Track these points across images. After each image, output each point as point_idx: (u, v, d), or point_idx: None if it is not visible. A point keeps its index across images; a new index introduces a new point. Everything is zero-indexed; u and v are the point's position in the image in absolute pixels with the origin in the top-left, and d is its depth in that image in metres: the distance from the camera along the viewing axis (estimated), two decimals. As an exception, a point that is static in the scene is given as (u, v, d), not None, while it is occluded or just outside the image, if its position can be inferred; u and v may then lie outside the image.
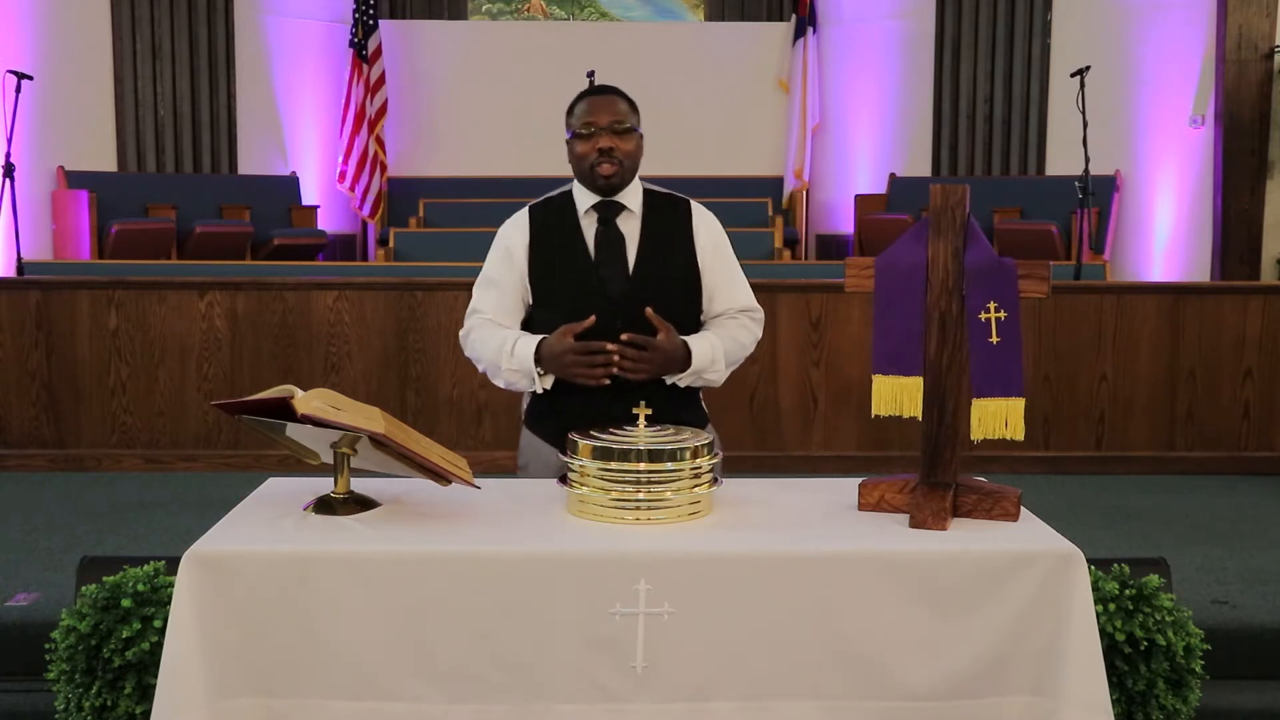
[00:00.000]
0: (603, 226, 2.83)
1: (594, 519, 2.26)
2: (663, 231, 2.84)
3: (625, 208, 2.84)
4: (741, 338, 2.88)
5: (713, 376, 2.82)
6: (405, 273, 6.57)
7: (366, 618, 2.08)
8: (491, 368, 2.83)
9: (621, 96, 2.85)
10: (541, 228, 2.85)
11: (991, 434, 2.29)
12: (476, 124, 10.27)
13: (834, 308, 5.38)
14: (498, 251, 2.89)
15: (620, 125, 2.80)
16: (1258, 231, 8.82)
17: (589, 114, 2.80)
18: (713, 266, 2.87)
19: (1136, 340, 5.45)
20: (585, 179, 2.83)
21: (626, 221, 2.84)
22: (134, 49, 9.35)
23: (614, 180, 2.80)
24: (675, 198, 2.92)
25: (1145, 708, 2.30)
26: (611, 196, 2.83)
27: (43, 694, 2.76)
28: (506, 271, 2.85)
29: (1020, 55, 9.81)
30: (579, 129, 2.80)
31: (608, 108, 2.81)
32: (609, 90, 2.87)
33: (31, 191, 8.57)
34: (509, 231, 2.89)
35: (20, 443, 5.37)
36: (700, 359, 2.77)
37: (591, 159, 2.78)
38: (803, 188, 10.20)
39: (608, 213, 2.83)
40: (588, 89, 2.92)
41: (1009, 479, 3.06)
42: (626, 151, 2.80)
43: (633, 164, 2.83)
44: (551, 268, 2.82)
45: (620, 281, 2.79)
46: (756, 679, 2.11)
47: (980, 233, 2.32)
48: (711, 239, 2.89)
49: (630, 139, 2.81)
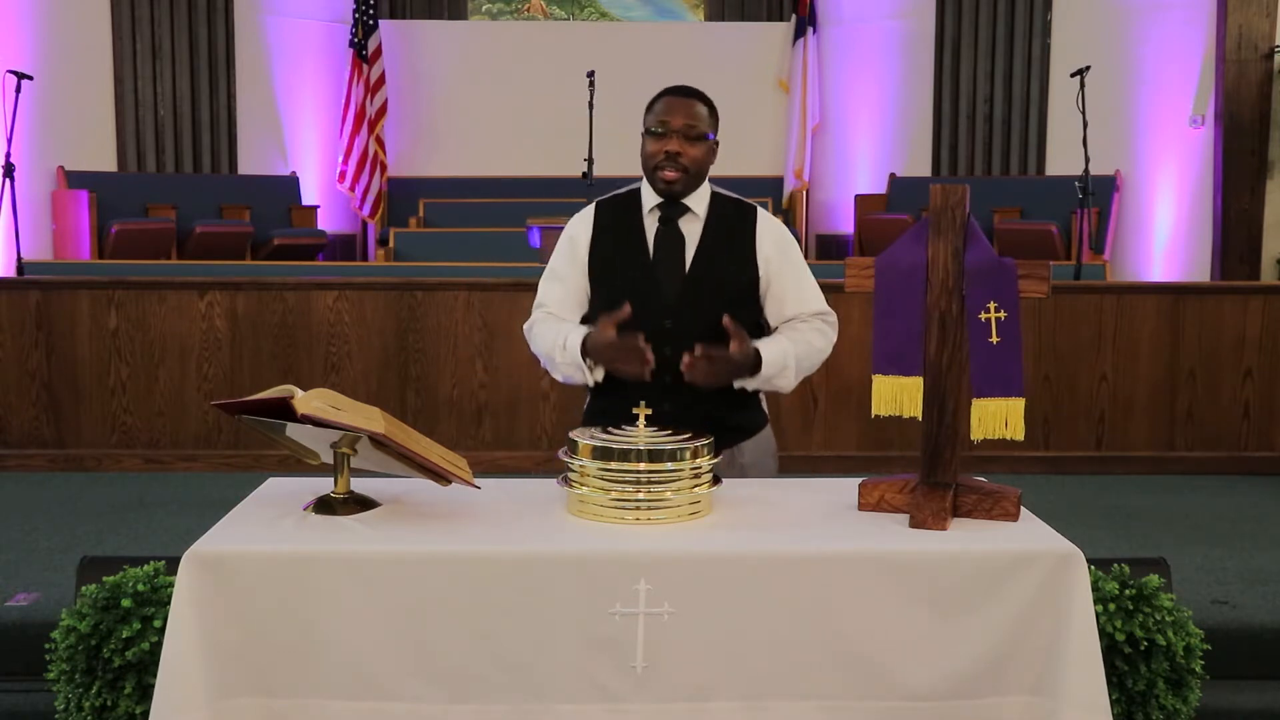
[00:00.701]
0: (663, 226, 2.80)
1: (594, 519, 2.26)
2: (724, 236, 2.80)
3: (689, 209, 2.81)
4: (816, 341, 2.83)
5: (782, 383, 2.77)
6: (405, 273, 6.57)
7: (366, 618, 2.08)
8: (549, 361, 2.81)
9: (703, 101, 2.81)
10: (605, 223, 2.84)
11: (991, 434, 2.29)
12: (476, 124, 10.27)
13: (834, 308, 5.36)
14: (563, 244, 2.87)
15: (693, 130, 2.75)
16: (1258, 231, 8.82)
17: (665, 113, 2.76)
18: (780, 272, 2.82)
19: (1136, 340, 5.45)
20: (650, 178, 2.80)
21: (689, 223, 2.81)
22: (134, 49, 9.35)
23: (675, 187, 2.76)
24: (743, 204, 2.88)
25: (1145, 708, 2.30)
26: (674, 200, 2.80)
27: (43, 694, 2.76)
28: (570, 264, 2.84)
29: (1020, 55, 9.81)
30: (652, 126, 2.77)
31: (685, 110, 2.76)
32: (691, 93, 2.82)
33: (31, 191, 8.57)
34: (575, 225, 2.88)
35: (20, 443, 5.37)
36: (771, 366, 2.72)
37: (658, 160, 2.75)
38: (803, 188, 10.21)
39: (670, 213, 2.80)
40: (671, 87, 2.85)
41: (1009, 479, 3.06)
42: (694, 158, 2.75)
43: (699, 171, 2.78)
44: (610, 263, 2.81)
45: (674, 282, 2.76)
46: (756, 679, 2.11)
47: (980, 233, 2.32)
48: (777, 246, 2.83)
49: (701, 146, 2.76)
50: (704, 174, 2.81)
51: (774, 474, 2.92)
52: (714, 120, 2.81)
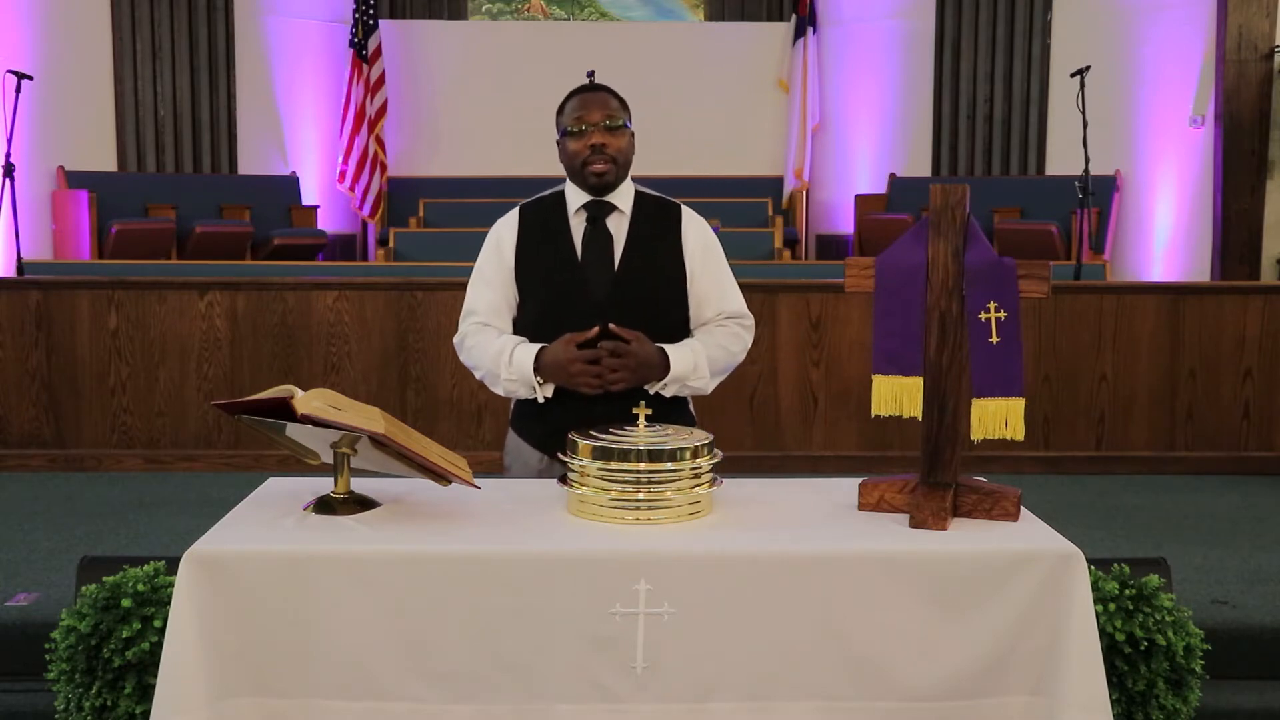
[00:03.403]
0: (591, 226, 2.82)
1: (594, 519, 2.26)
2: (651, 234, 2.82)
3: (615, 208, 2.83)
4: (730, 345, 2.84)
5: (697, 384, 2.78)
6: (405, 273, 6.57)
7: (366, 618, 2.08)
8: (489, 376, 2.83)
9: (612, 94, 2.85)
10: (530, 225, 2.85)
11: (991, 434, 2.29)
12: (476, 124, 10.27)
13: (834, 308, 5.38)
14: (488, 248, 2.89)
15: (613, 122, 2.79)
16: (1258, 231, 8.82)
17: (581, 111, 2.80)
18: (702, 271, 2.84)
19: (1136, 340, 5.45)
20: (577, 177, 2.82)
21: (616, 222, 2.83)
22: (134, 49, 9.35)
23: (607, 178, 2.78)
24: (666, 201, 2.90)
25: (1145, 708, 2.30)
26: (603, 196, 2.82)
27: (43, 694, 2.76)
28: (497, 268, 2.86)
29: (1020, 55, 9.81)
30: (571, 126, 2.80)
31: (599, 105, 2.80)
32: (600, 88, 2.86)
33: (31, 191, 8.57)
34: (499, 228, 2.90)
35: (20, 443, 5.37)
36: (680, 365, 2.73)
37: (584, 156, 2.77)
38: (803, 188, 10.21)
39: (597, 212, 2.82)
40: (578, 87, 2.90)
41: (1009, 479, 3.06)
42: (618, 148, 2.79)
43: (625, 161, 2.82)
44: (537, 265, 2.82)
45: (604, 282, 2.77)
46: (756, 679, 2.11)
47: (980, 233, 2.32)
48: (701, 243, 2.85)
49: (622, 136, 2.80)
50: (629, 164, 2.84)
51: None
52: (627, 112, 2.85)
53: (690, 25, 10.99)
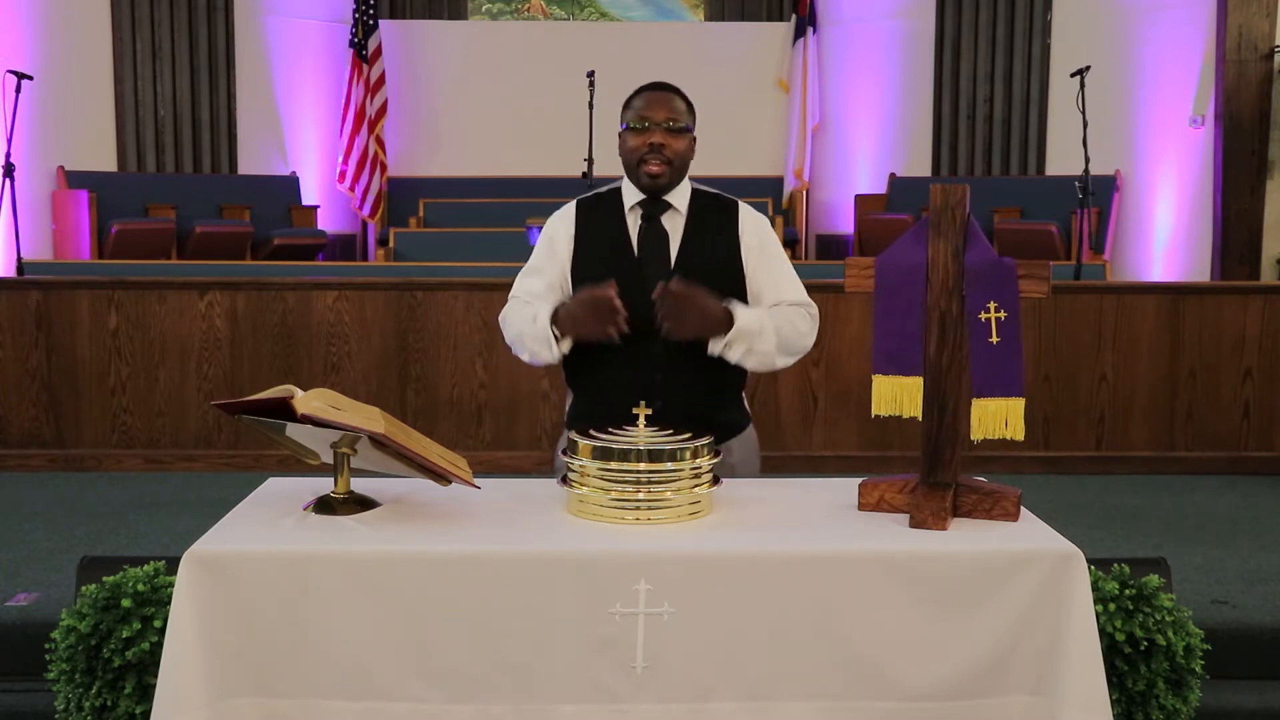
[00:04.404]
0: (646, 223, 2.80)
1: (594, 519, 2.25)
2: (707, 230, 2.80)
3: (671, 205, 2.81)
4: (798, 324, 2.79)
5: (764, 348, 2.71)
6: (405, 273, 6.57)
7: (366, 618, 2.08)
8: (517, 340, 2.79)
9: (680, 95, 2.81)
10: (586, 222, 2.83)
11: (991, 434, 2.29)
12: (476, 124, 10.27)
13: (834, 308, 5.38)
14: (543, 243, 2.87)
15: (675, 124, 2.76)
16: (1258, 231, 8.82)
17: (645, 108, 2.77)
18: (759, 264, 2.82)
19: (1136, 340, 5.45)
20: (633, 173, 2.80)
21: (671, 219, 2.81)
22: (134, 49, 9.35)
23: (660, 181, 2.76)
24: (723, 198, 2.88)
25: (1145, 708, 2.30)
26: (659, 195, 2.80)
27: (43, 694, 2.76)
28: (549, 260, 2.83)
29: (1020, 55, 9.81)
30: (633, 122, 2.77)
31: (665, 104, 2.77)
32: (668, 88, 2.83)
33: (31, 191, 8.57)
34: (555, 224, 2.87)
35: (20, 443, 5.37)
36: (745, 320, 2.67)
37: (641, 153, 2.75)
38: (803, 188, 10.21)
39: (653, 209, 2.80)
40: (648, 84, 2.86)
41: (1009, 479, 3.06)
42: (677, 150, 2.76)
43: (682, 164, 2.79)
44: (593, 262, 2.79)
45: (660, 278, 2.71)
46: (756, 679, 2.11)
47: (980, 233, 2.32)
48: (758, 238, 2.83)
49: (683, 139, 2.78)
50: (686, 168, 2.82)
51: (758, 473, 2.93)
52: (692, 115, 2.82)
53: (690, 25, 10.99)
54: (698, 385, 2.74)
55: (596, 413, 2.67)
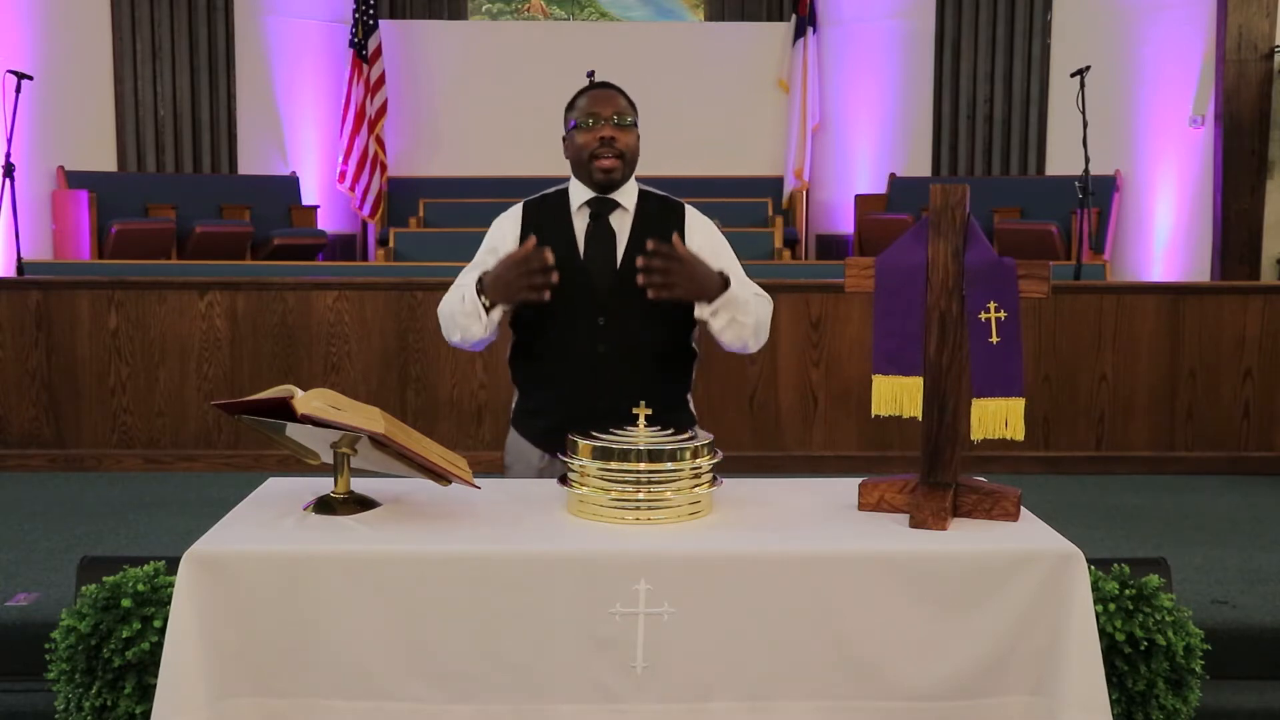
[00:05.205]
0: (593, 222, 2.82)
1: (594, 519, 2.25)
2: (654, 230, 2.80)
3: (619, 205, 2.83)
4: (759, 304, 2.81)
5: (746, 320, 2.72)
6: (405, 273, 6.57)
7: (366, 618, 2.08)
8: (449, 320, 2.79)
9: (622, 93, 2.86)
10: (533, 222, 2.85)
11: (991, 434, 2.29)
12: (476, 124, 10.27)
13: (834, 308, 5.38)
14: (488, 242, 2.89)
15: (622, 119, 2.79)
16: (1258, 231, 8.82)
17: (592, 105, 2.80)
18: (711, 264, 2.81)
19: (1136, 340, 5.45)
20: (583, 171, 2.81)
21: (619, 218, 2.83)
22: (134, 49, 9.35)
23: (614, 175, 2.78)
24: (670, 200, 2.90)
25: (1145, 708, 2.31)
26: (608, 193, 2.82)
27: (43, 694, 2.76)
28: (491, 258, 2.82)
29: (1020, 55, 9.81)
30: (581, 120, 2.80)
31: (610, 101, 2.81)
32: (611, 86, 2.88)
33: (31, 191, 8.57)
34: (501, 222, 2.90)
35: (20, 443, 5.37)
36: (736, 288, 2.69)
37: (592, 148, 2.77)
38: (803, 188, 10.21)
39: (600, 209, 2.82)
40: (590, 85, 2.92)
41: (1009, 479, 3.06)
42: (628, 144, 2.80)
43: (632, 159, 2.82)
44: None
45: (606, 277, 2.77)
46: (756, 679, 2.11)
47: (980, 233, 2.32)
48: (708, 239, 2.85)
49: (631, 133, 2.81)
50: (635, 163, 2.84)
51: None
52: (635, 112, 2.85)
53: (690, 25, 10.99)
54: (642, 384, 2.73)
55: (541, 410, 2.69)
